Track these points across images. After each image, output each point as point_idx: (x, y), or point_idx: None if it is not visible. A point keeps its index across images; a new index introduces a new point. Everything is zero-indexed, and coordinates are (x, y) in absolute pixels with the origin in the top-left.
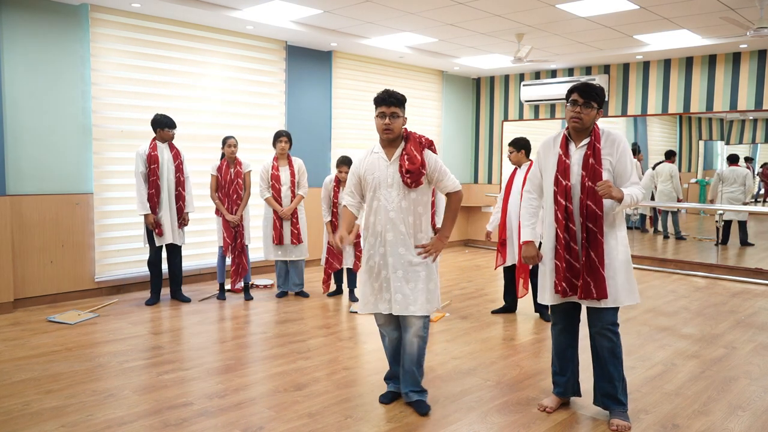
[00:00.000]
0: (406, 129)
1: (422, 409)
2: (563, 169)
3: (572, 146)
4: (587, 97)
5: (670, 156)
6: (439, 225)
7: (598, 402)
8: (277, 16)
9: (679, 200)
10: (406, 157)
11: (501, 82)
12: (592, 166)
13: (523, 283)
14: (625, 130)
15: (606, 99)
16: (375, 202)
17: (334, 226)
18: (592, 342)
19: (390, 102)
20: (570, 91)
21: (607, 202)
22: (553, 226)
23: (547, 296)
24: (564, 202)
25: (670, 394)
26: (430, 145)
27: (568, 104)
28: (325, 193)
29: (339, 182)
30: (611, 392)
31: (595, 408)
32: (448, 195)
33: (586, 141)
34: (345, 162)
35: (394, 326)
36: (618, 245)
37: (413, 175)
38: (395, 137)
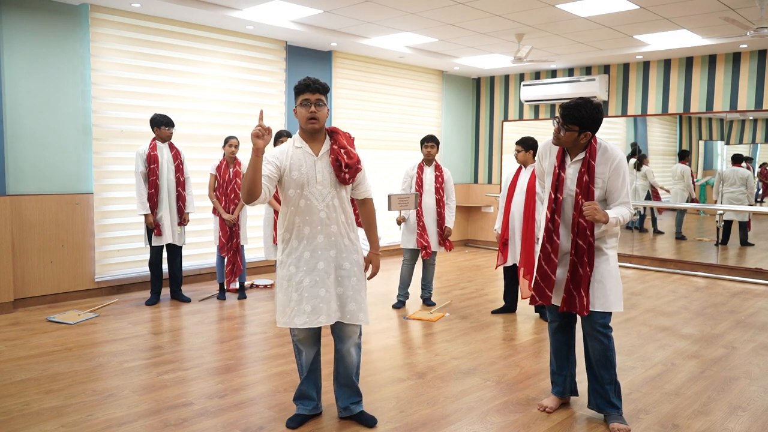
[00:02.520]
0: (330, 128)
1: (371, 422)
2: (557, 182)
3: (567, 159)
4: (567, 120)
5: (683, 156)
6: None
7: (591, 405)
8: (277, 16)
9: (692, 200)
10: (343, 151)
11: (501, 82)
12: (586, 184)
13: (528, 284)
14: (625, 130)
15: (599, 116)
16: (302, 201)
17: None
18: (585, 344)
19: (315, 89)
20: (559, 107)
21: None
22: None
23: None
24: (552, 215)
25: (670, 394)
26: (352, 142)
27: (555, 119)
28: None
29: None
30: (603, 395)
31: (591, 410)
32: (363, 202)
33: (581, 156)
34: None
35: (314, 340)
36: (609, 249)
37: (352, 170)
38: (320, 128)
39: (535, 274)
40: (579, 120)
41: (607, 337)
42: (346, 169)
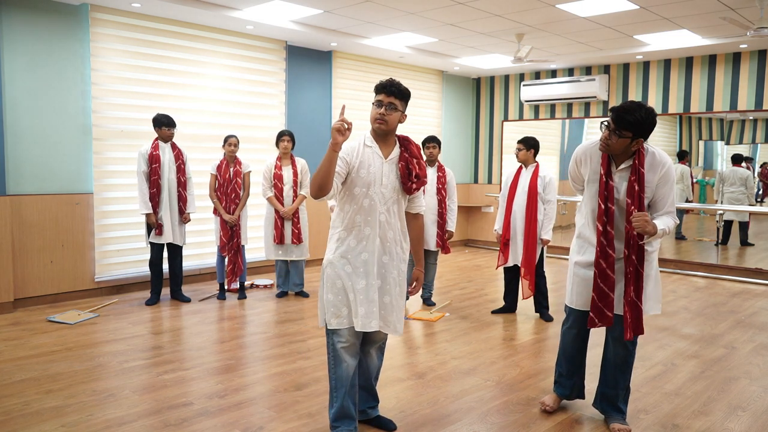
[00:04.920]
0: (402, 135)
1: (390, 426)
2: (606, 191)
3: (613, 166)
4: (620, 125)
5: (683, 156)
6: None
7: (597, 405)
8: (277, 16)
9: (688, 200)
10: (414, 161)
11: (501, 82)
12: (638, 194)
13: (528, 284)
14: None
15: (654, 121)
16: (366, 201)
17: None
18: (607, 346)
19: (390, 91)
20: (610, 111)
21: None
22: (591, 246)
23: (574, 300)
24: (604, 227)
25: (670, 394)
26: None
27: (603, 123)
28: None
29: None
30: (612, 398)
31: (595, 409)
32: (415, 216)
33: (628, 164)
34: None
35: (357, 349)
36: (654, 252)
37: (419, 182)
38: (388, 132)
39: (591, 293)
40: (633, 125)
41: (633, 344)
42: (415, 179)
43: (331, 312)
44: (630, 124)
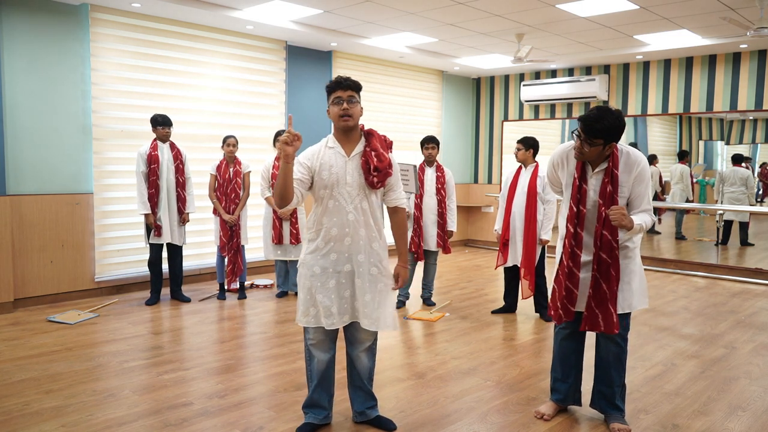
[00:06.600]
0: (362, 125)
1: (390, 426)
2: (579, 194)
3: (589, 170)
4: (591, 135)
5: (683, 156)
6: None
7: (595, 405)
8: (277, 16)
9: (688, 200)
10: (373, 153)
11: (501, 82)
12: (610, 194)
13: (528, 284)
14: (625, 131)
15: (623, 124)
16: (331, 202)
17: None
18: (598, 344)
19: (346, 85)
20: (579, 120)
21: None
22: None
23: None
24: (574, 229)
25: (670, 394)
26: (391, 146)
27: (574, 133)
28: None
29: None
30: (609, 396)
31: (594, 409)
32: (394, 210)
33: (603, 166)
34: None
35: (329, 345)
36: (635, 248)
37: (381, 174)
38: (353, 127)
39: (556, 290)
40: (603, 132)
41: (624, 340)
42: (374, 172)
43: (301, 310)
44: (599, 132)
